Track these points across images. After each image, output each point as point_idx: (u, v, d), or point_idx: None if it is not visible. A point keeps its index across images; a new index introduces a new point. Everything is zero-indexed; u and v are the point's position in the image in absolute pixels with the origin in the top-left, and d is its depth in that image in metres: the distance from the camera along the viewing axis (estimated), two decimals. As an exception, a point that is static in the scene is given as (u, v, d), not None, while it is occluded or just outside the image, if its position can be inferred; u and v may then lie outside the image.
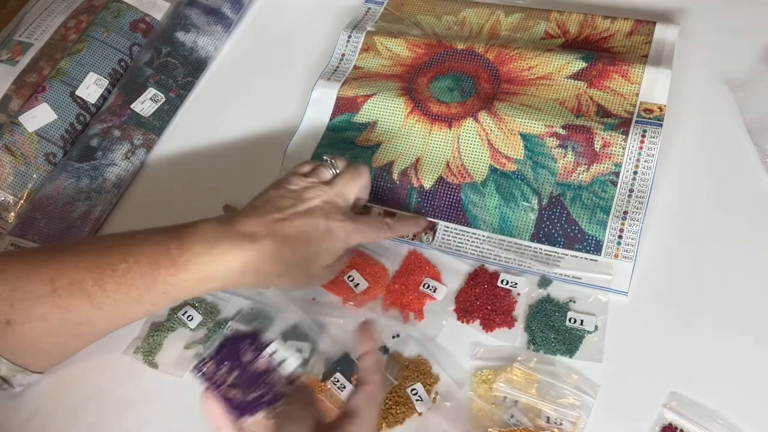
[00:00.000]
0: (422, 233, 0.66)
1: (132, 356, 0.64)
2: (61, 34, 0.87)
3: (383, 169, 0.68)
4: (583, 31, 0.74)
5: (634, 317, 0.59)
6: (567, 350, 0.58)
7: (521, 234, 0.64)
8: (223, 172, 0.75)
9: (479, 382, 0.58)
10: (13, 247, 0.72)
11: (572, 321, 0.59)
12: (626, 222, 0.62)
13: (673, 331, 0.58)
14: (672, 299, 0.59)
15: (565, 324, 0.59)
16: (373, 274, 0.65)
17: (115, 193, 0.75)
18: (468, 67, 0.72)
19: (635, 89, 0.67)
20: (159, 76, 0.81)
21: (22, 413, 0.63)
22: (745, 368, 0.55)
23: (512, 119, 0.67)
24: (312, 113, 0.74)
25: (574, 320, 0.59)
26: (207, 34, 0.84)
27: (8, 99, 0.81)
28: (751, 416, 0.53)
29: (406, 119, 0.70)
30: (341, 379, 0.59)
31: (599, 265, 0.61)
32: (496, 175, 0.66)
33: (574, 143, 0.65)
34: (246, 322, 0.64)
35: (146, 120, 0.79)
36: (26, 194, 0.76)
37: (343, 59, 0.77)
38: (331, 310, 0.64)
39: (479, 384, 0.58)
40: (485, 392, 0.57)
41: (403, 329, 0.62)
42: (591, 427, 0.54)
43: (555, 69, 0.70)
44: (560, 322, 0.59)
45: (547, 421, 0.55)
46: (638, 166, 0.63)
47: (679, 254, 0.61)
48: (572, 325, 0.59)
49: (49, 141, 0.77)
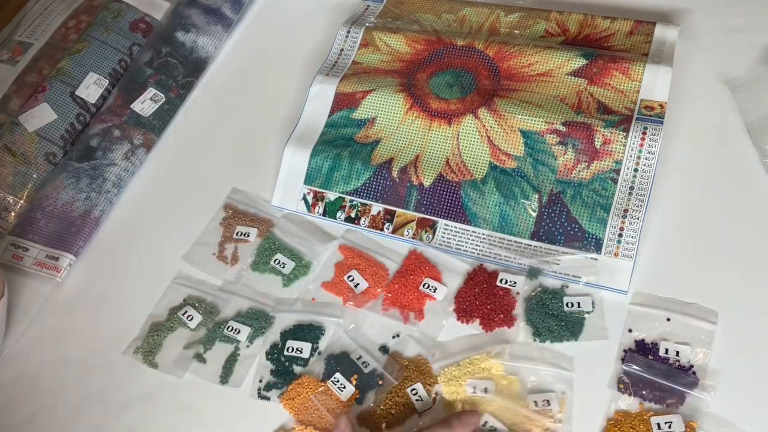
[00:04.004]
0: (422, 231, 0.66)
1: (132, 356, 0.64)
2: (61, 34, 0.87)
3: (383, 167, 0.68)
4: (583, 30, 0.74)
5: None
6: (572, 334, 0.59)
7: (521, 232, 0.64)
8: (222, 171, 0.75)
9: (446, 381, 0.58)
10: (13, 247, 0.72)
11: (569, 305, 0.60)
12: (626, 220, 0.61)
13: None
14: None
15: (564, 309, 0.60)
16: (373, 274, 0.65)
17: (115, 193, 0.75)
18: (468, 63, 0.72)
19: (636, 86, 0.67)
20: (159, 76, 0.81)
21: (23, 413, 0.63)
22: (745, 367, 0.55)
23: (512, 116, 0.67)
24: (310, 110, 0.74)
25: (571, 304, 0.60)
26: (207, 34, 0.84)
27: (8, 99, 0.81)
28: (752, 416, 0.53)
29: (405, 115, 0.70)
30: (341, 379, 0.59)
31: (598, 267, 0.61)
32: (496, 173, 0.66)
33: (574, 140, 0.65)
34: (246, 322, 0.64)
35: (146, 120, 0.79)
36: (26, 194, 0.76)
37: (342, 54, 0.77)
38: (331, 310, 0.64)
39: (447, 384, 0.58)
40: (456, 389, 0.57)
41: (403, 329, 0.62)
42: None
43: (555, 66, 0.70)
44: (558, 309, 0.60)
45: (535, 405, 0.55)
46: (639, 164, 0.63)
47: (678, 253, 0.61)
48: (570, 309, 0.60)
49: (49, 141, 0.77)
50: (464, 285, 0.63)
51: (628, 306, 0.59)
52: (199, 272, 0.69)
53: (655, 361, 0.55)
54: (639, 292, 0.59)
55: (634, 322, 0.58)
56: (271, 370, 0.62)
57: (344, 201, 0.69)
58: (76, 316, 0.69)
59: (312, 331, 0.63)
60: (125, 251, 0.72)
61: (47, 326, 0.68)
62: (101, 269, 0.71)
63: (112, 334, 0.66)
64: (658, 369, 0.54)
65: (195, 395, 0.62)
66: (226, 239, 0.70)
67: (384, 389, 0.59)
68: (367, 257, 0.67)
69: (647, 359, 0.55)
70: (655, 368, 0.54)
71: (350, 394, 0.59)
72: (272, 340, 0.63)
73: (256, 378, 0.61)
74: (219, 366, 0.63)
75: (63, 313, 0.69)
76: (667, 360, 0.55)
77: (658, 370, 0.54)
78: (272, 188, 0.72)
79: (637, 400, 0.54)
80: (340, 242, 0.68)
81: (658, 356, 0.55)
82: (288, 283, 0.66)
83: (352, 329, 0.63)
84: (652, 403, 0.54)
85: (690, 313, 0.57)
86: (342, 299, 0.64)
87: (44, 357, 0.66)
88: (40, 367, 0.66)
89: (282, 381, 0.61)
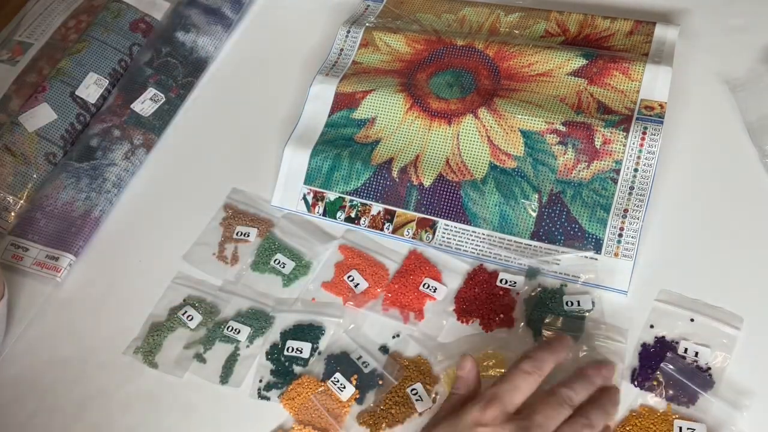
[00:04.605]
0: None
1: (132, 356, 0.64)
2: (61, 34, 0.87)
3: (383, 167, 0.68)
4: (583, 30, 0.74)
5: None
6: (573, 335, 0.58)
7: (521, 232, 0.64)
8: (222, 171, 0.75)
9: (448, 382, 0.58)
10: (13, 247, 0.72)
11: (569, 304, 0.60)
12: (626, 220, 0.61)
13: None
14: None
15: (564, 309, 0.60)
16: (373, 274, 0.65)
17: (115, 193, 0.75)
18: (468, 63, 0.72)
19: (636, 86, 0.67)
20: (159, 76, 0.81)
21: (23, 413, 0.63)
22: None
23: (512, 116, 0.67)
24: (310, 110, 0.74)
25: (571, 303, 0.60)
26: (207, 34, 0.84)
27: (8, 99, 0.81)
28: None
29: (405, 115, 0.70)
30: (341, 379, 0.59)
31: (598, 267, 0.61)
32: (496, 173, 0.66)
33: (574, 140, 0.65)
34: (246, 322, 0.64)
35: (146, 120, 0.79)
36: (26, 194, 0.76)
37: (342, 54, 0.77)
38: (331, 310, 0.64)
39: (448, 384, 0.58)
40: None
41: (403, 329, 0.62)
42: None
43: (555, 66, 0.70)
44: (559, 309, 0.60)
45: None
46: (639, 164, 0.63)
47: (679, 253, 0.61)
48: (570, 308, 0.59)
49: (49, 141, 0.77)
50: (464, 285, 0.63)
51: (653, 302, 0.59)
52: (199, 272, 0.69)
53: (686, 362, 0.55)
54: (665, 290, 0.59)
55: (657, 318, 0.58)
56: (271, 370, 0.62)
57: (344, 201, 0.69)
58: (76, 316, 0.69)
59: (312, 331, 0.63)
60: (125, 251, 0.72)
61: (47, 326, 0.68)
62: (101, 269, 0.71)
63: (112, 334, 0.66)
64: (689, 371, 0.54)
65: (195, 395, 0.62)
66: (226, 239, 0.70)
67: (384, 389, 0.59)
68: (367, 257, 0.67)
69: (684, 361, 0.55)
70: (688, 371, 0.54)
71: (350, 394, 0.59)
72: (272, 340, 0.63)
73: (256, 378, 0.61)
74: (219, 366, 0.63)
75: (63, 313, 0.69)
76: (685, 359, 0.55)
77: (689, 373, 0.54)
78: (272, 188, 0.72)
79: (663, 401, 0.54)
80: (340, 242, 0.68)
81: (677, 354, 0.55)
82: (288, 283, 0.66)
83: (351, 329, 0.63)
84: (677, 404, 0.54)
85: (715, 316, 0.57)
86: (342, 299, 0.64)
87: (44, 357, 0.66)
88: (40, 367, 0.66)
89: (282, 381, 0.61)
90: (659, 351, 0.56)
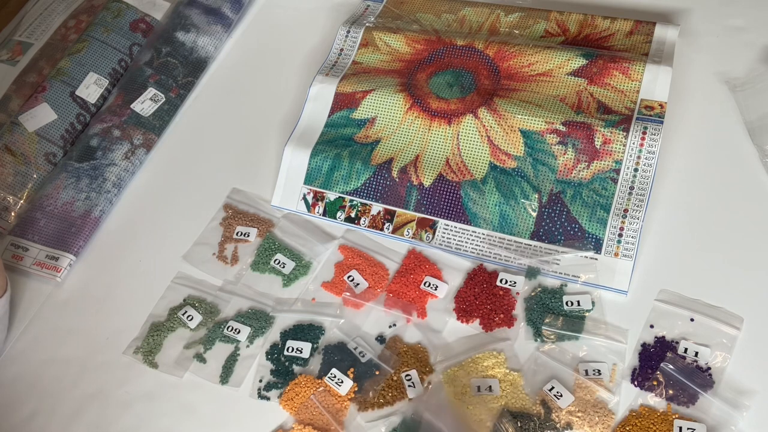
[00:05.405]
0: (422, 231, 0.66)
1: (132, 356, 0.64)
2: (61, 34, 0.87)
3: (383, 167, 0.68)
4: (583, 30, 0.74)
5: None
6: (573, 335, 0.58)
7: (521, 232, 0.64)
8: (222, 171, 0.75)
9: (449, 381, 0.58)
10: (13, 247, 0.72)
11: (569, 304, 0.60)
12: (626, 220, 0.61)
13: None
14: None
15: (564, 309, 0.60)
16: (373, 274, 0.65)
17: (115, 193, 0.75)
18: (468, 63, 0.72)
19: (636, 86, 0.67)
20: (159, 76, 0.81)
21: (23, 413, 0.63)
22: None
23: (512, 115, 0.67)
24: (310, 110, 0.74)
25: (570, 303, 0.60)
26: (207, 34, 0.84)
27: (8, 99, 0.81)
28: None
29: (405, 115, 0.70)
30: (338, 374, 0.59)
31: (598, 267, 0.61)
32: (496, 172, 0.66)
33: (574, 140, 0.65)
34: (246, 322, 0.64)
35: (146, 120, 0.79)
36: (26, 194, 0.76)
37: (342, 54, 0.77)
38: (331, 310, 0.64)
39: (449, 384, 0.58)
40: (459, 389, 0.57)
41: (400, 321, 0.62)
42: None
43: (555, 66, 0.70)
44: (559, 308, 0.60)
45: (586, 374, 0.56)
46: (639, 164, 0.63)
47: (679, 253, 0.61)
48: (570, 308, 0.60)
49: (49, 141, 0.77)
50: (464, 285, 0.63)
51: (653, 302, 0.59)
52: (199, 272, 0.69)
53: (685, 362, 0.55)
54: (665, 290, 0.59)
55: (657, 318, 0.58)
56: (271, 370, 0.62)
57: (344, 201, 0.69)
58: (76, 316, 0.69)
59: (312, 331, 0.63)
60: (125, 251, 0.72)
61: (47, 326, 0.68)
62: (101, 269, 0.71)
63: (112, 334, 0.66)
64: (689, 371, 0.54)
65: (195, 395, 0.62)
66: (226, 239, 0.70)
67: (380, 378, 0.59)
68: (367, 257, 0.67)
69: (684, 361, 0.55)
70: (687, 371, 0.54)
71: (349, 387, 0.59)
72: (272, 340, 0.63)
73: (256, 378, 0.61)
74: (219, 366, 0.63)
75: (63, 313, 0.69)
76: (685, 359, 0.55)
77: (689, 373, 0.54)
78: (272, 188, 0.72)
79: (663, 401, 0.54)
80: (340, 242, 0.68)
81: (677, 354, 0.55)
82: (288, 283, 0.66)
83: (345, 323, 0.63)
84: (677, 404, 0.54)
85: (715, 316, 0.57)
86: (342, 300, 0.64)
87: (44, 357, 0.66)
88: (40, 367, 0.66)
89: (282, 381, 0.61)
90: (659, 351, 0.56)
